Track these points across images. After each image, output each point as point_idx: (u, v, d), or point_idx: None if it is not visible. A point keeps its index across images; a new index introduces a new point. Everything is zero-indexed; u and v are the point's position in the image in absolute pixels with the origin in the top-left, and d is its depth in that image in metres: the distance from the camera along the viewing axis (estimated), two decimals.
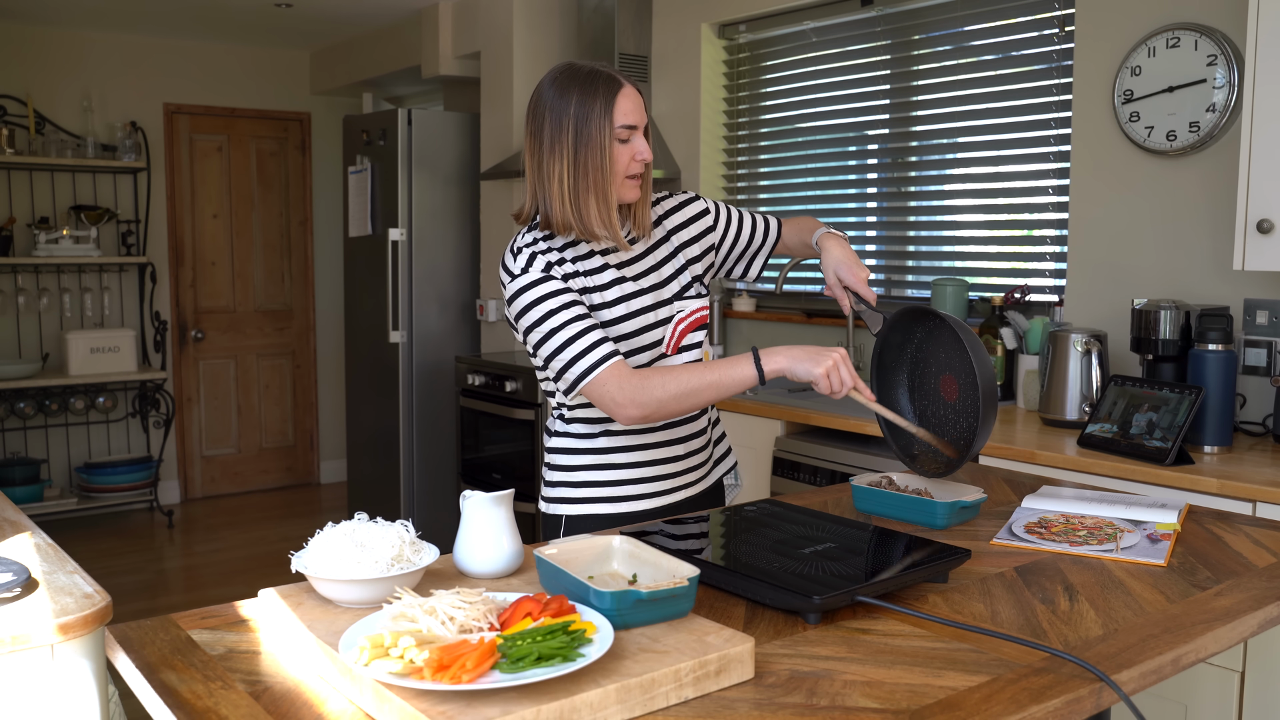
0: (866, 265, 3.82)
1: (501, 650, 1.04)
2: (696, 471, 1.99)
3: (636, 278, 1.88)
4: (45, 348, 5.65)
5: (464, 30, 5.01)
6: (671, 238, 1.96)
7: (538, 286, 1.78)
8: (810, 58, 3.97)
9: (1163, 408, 2.44)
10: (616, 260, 1.87)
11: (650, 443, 1.91)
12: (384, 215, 4.91)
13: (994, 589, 1.42)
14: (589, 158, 1.76)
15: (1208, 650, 1.27)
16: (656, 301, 1.88)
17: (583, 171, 1.77)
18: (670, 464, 1.93)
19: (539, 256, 1.79)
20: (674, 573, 1.24)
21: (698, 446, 1.98)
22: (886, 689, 1.10)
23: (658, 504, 1.92)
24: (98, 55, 5.74)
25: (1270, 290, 2.68)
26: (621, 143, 1.79)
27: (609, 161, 1.77)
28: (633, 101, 1.79)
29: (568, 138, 1.76)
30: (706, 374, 1.72)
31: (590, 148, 1.76)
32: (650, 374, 1.73)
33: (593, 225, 1.79)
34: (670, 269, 1.93)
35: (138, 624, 1.28)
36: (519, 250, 1.81)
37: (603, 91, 1.77)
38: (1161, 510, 1.74)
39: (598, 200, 1.77)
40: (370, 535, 1.32)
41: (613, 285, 1.84)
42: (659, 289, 1.90)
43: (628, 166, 1.80)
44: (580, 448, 1.92)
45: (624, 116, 1.77)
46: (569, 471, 1.93)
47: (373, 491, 5.17)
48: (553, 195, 1.78)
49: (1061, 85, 3.15)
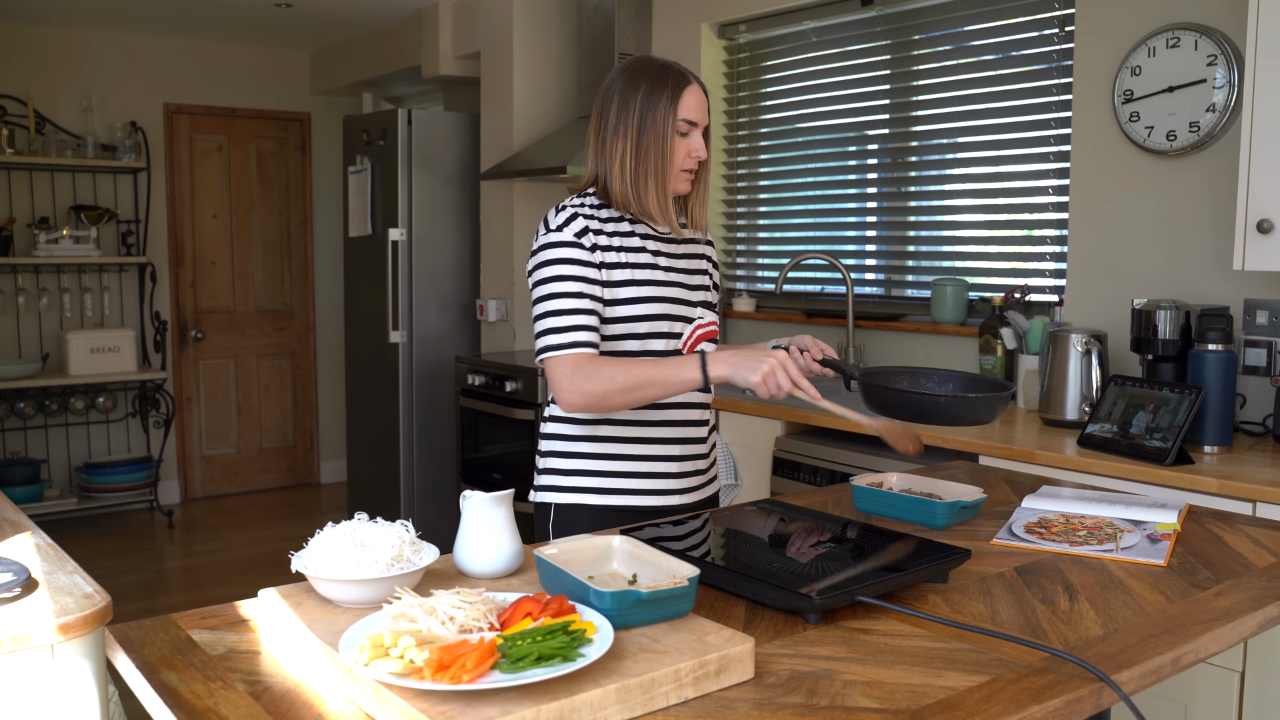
0: (867, 264, 3.83)
1: (501, 650, 1.04)
2: (691, 479, 1.99)
3: (669, 269, 1.92)
4: (45, 348, 5.65)
5: (464, 30, 5.01)
6: (704, 260, 2.04)
7: (563, 249, 1.83)
8: (810, 58, 3.96)
9: (1163, 408, 2.44)
10: (656, 247, 1.92)
11: (650, 437, 1.93)
12: (384, 215, 4.91)
13: (994, 589, 1.42)
14: (651, 143, 1.84)
15: (1208, 650, 1.27)
16: (684, 299, 1.94)
17: (644, 155, 1.85)
18: (666, 463, 1.94)
19: (580, 219, 1.85)
20: (674, 573, 1.24)
21: (695, 453, 1.99)
22: (886, 689, 1.10)
23: (648, 503, 1.93)
24: (98, 55, 5.74)
25: (1270, 290, 2.68)
26: (681, 135, 1.86)
27: (669, 150, 1.85)
28: (697, 99, 1.87)
29: (633, 121, 1.85)
30: (655, 371, 1.75)
31: (654, 133, 1.84)
32: (603, 364, 1.77)
33: (650, 206, 1.86)
34: (701, 279, 2.00)
35: (138, 624, 1.28)
36: (564, 208, 1.87)
37: (672, 84, 1.85)
38: (1161, 510, 1.74)
39: (656, 185, 1.85)
40: (370, 535, 1.32)
41: (646, 268, 1.89)
42: (689, 289, 1.96)
43: (683, 160, 1.87)
44: (578, 434, 1.93)
45: (687, 111, 1.85)
46: (562, 459, 1.95)
47: (373, 491, 5.16)
48: (614, 173, 1.87)
49: (1061, 85, 3.15)
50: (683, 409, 1.96)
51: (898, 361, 3.61)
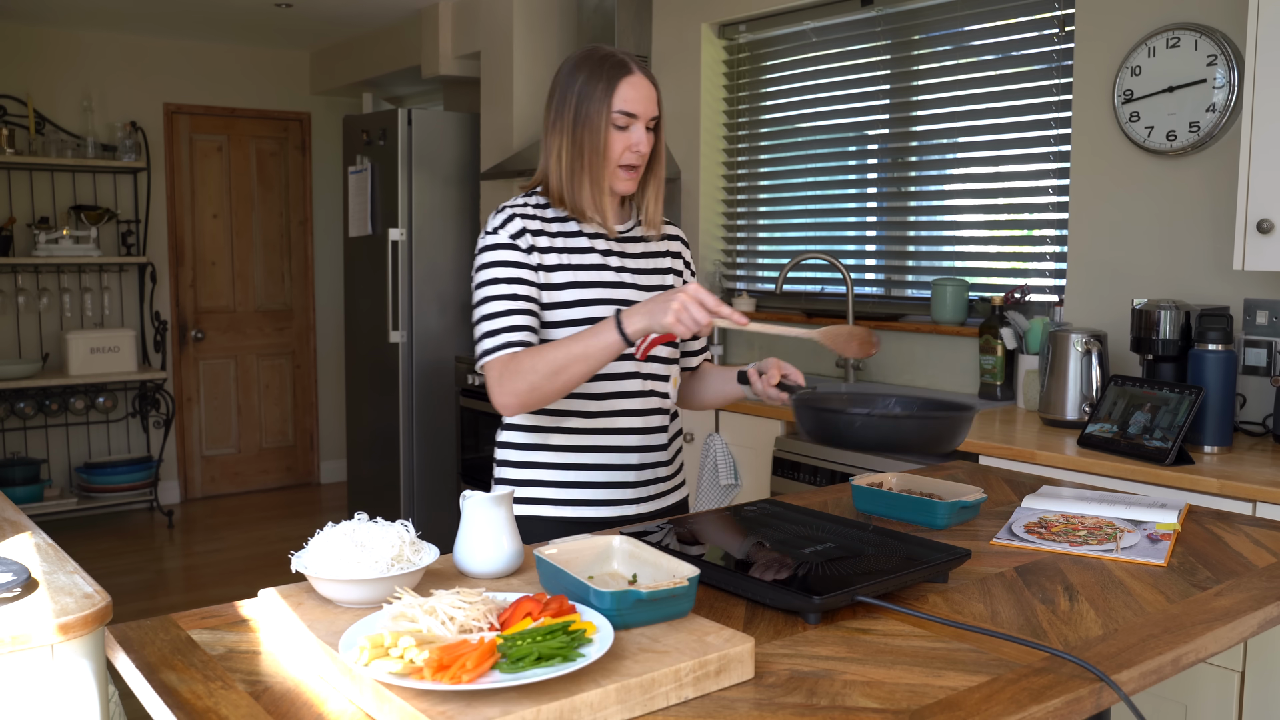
0: (867, 264, 3.83)
1: (501, 650, 1.04)
2: (650, 488, 1.91)
3: (620, 270, 1.85)
4: (45, 348, 5.65)
5: (464, 30, 5.01)
6: (668, 257, 1.96)
7: (497, 251, 1.78)
8: (810, 58, 3.96)
9: (1163, 408, 2.44)
10: (604, 247, 1.85)
11: (605, 445, 1.85)
12: (384, 215, 4.91)
13: (994, 589, 1.42)
14: (585, 138, 1.77)
15: (1208, 650, 1.27)
16: (635, 301, 1.83)
17: (578, 151, 1.78)
18: (623, 472, 1.87)
19: (517, 219, 1.80)
20: (674, 573, 1.24)
21: (655, 461, 1.91)
22: (886, 689, 1.10)
23: (605, 514, 1.86)
24: (98, 55, 5.74)
25: (1270, 290, 2.68)
26: (618, 129, 1.77)
27: (603, 145, 1.77)
28: (637, 91, 1.77)
29: (569, 114, 1.78)
30: (573, 347, 1.66)
31: (587, 128, 1.77)
32: (523, 357, 1.70)
33: (583, 205, 1.80)
34: (662, 279, 1.92)
35: (138, 624, 1.28)
36: (504, 209, 1.83)
37: (607, 75, 1.77)
38: (1161, 510, 1.74)
39: (591, 182, 1.78)
40: (370, 535, 1.32)
41: (593, 269, 1.82)
42: (644, 290, 1.87)
43: (621, 155, 1.78)
44: (531, 443, 1.87)
45: (624, 103, 1.76)
46: (516, 469, 1.89)
47: (373, 491, 5.17)
48: (552, 170, 1.81)
49: (1061, 85, 3.15)
50: (641, 415, 1.87)
51: (897, 362, 3.61)
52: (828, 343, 1.66)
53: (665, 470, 1.94)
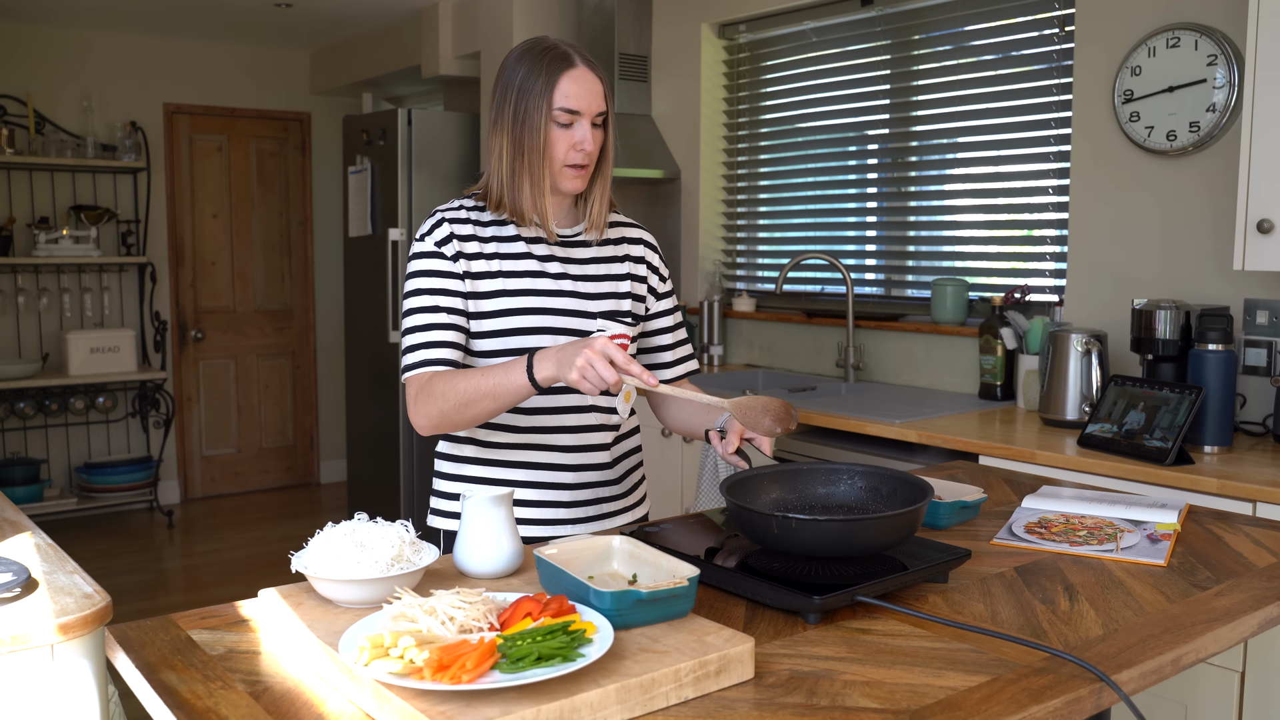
0: (867, 264, 3.83)
1: (501, 650, 1.04)
2: (588, 508, 1.81)
3: (560, 277, 1.76)
4: (45, 348, 5.65)
5: (464, 30, 5.01)
6: (626, 262, 1.85)
7: (422, 260, 1.71)
8: (810, 58, 3.96)
9: (1163, 408, 2.44)
10: (544, 252, 1.76)
11: (538, 462, 1.77)
12: (384, 215, 4.91)
13: (994, 589, 1.42)
14: (525, 137, 1.67)
15: (1208, 650, 1.27)
16: (577, 310, 1.76)
17: (519, 150, 1.68)
18: (556, 491, 1.78)
19: (445, 225, 1.72)
20: (674, 573, 1.24)
21: (595, 480, 1.81)
22: (886, 689, 1.10)
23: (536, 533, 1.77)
24: (98, 55, 5.74)
25: (1270, 290, 2.68)
26: (561, 127, 1.67)
27: (544, 144, 1.67)
28: (580, 85, 1.67)
29: (509, 111, 1.69)
30: (483, 382, 1.58)
31: (527, 127, 1.67)
32: (437, 382, 1.62)
33: (522, 207, 1.70)
34: (608, 286, 1.80)
35: (138, 624, 1.28)
36: (434, 213, 1.75)
37: (546, 70, 1.66)
38: (1161, 510, 1.74)
39: (531, 183, 1.68)
40: (370, 535, 1.32)
41: (526, 276, 1.73)
42: (585, 299, 1.77)
43: (566, 154, 1.68)
44: (465, 455, 1.79)
45: (564, 99, 1.66)
46: (450, 482, 1.82)
47: (373, 491, 5.17)
48: (493, 169, 1.72)
49: (1061, 85, 3.15)
50: (576, 433, 1.77)
51: (897, 362, 3.61)
52: (738, 415, 1.53)
53: (608, 490, 1.84)
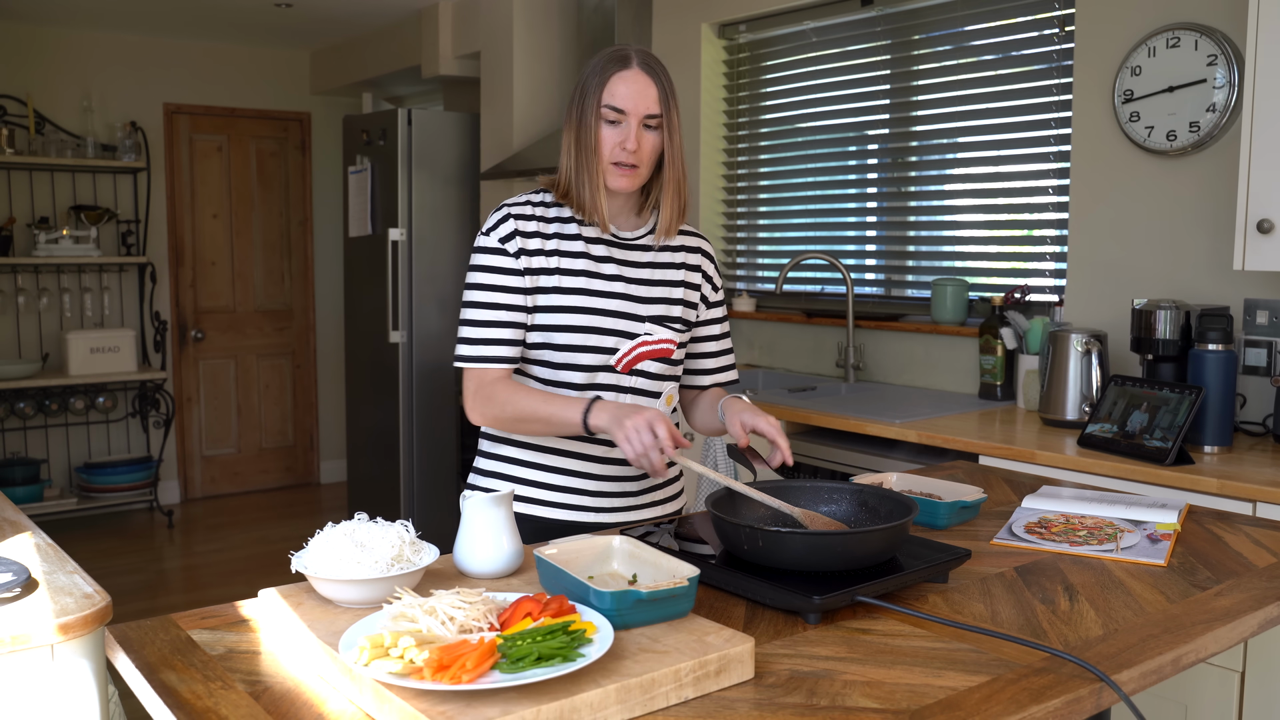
0: (867, 264, 3.83)
1: (501, 650, 1.04)
2: (614, 499, 1.87)
3: (613, 279, 1.81)
4: (45, 348, 5.65)
5: (464, 30, 5.01)
6: (682, 269, 1.89)
7: (486, 255, 1.78)
8: (810, 58, 3.96)
9: (1163, 408, 2.44)
10: (602, 253, 1.81)
11: (571, 450, 1.83)
12: (384, 215, 4.91)
13: (994, 589, 1.42)
14: (581, 133, 1.76)
15: (1208, 650, 1.27)
16: (628, 312, 1.81)
17: (578, 146, 1.76)
18: (584, 480, 1.84)
19: (511, 220, 1.78)
20: (674, 573, 1.24)
21: (621, 474, 1.86)
22: (886, 689, 1.10)
23: (564, 518, 1.83)
24: (98, 55, 5.74)
25: (1270, 290, 2.68)
26: (609, 124, 1.74)
27: (594, 141, 1.74)
28: (629, 86, 1.72)
29: (575, 110, 1.77)
30: (542, 408, 1.70)
31: (583, 124, 1.75)
32: (502, 389, 1.73)
33: (584, 201, 1.77)
34: (664, 291, 1.85)
35: (138, 624, 1.28)
36: (501, 207, 1.81)
37: (602, 69, 1.74)
38: (1161, 510, 1.74)
39: (589, 180, 1.76)
40: (370, 535, 1.32)
41: (581, 275, 1.79)
42: (639, 302, 1.82)
43: (612, 152, 1.74)
44: (504, 437, 1.87)
45: (612, 97, 1.72)
46: (489, 460, 1.89)
47: (373, 491, 5.16)
48: (562, 163, 1.80)
49: (1061, 85, 3.15)
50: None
51: (897, 362, 3.61)
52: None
53: (632, 484, 1.88)
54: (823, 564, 1.34)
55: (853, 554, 1.33)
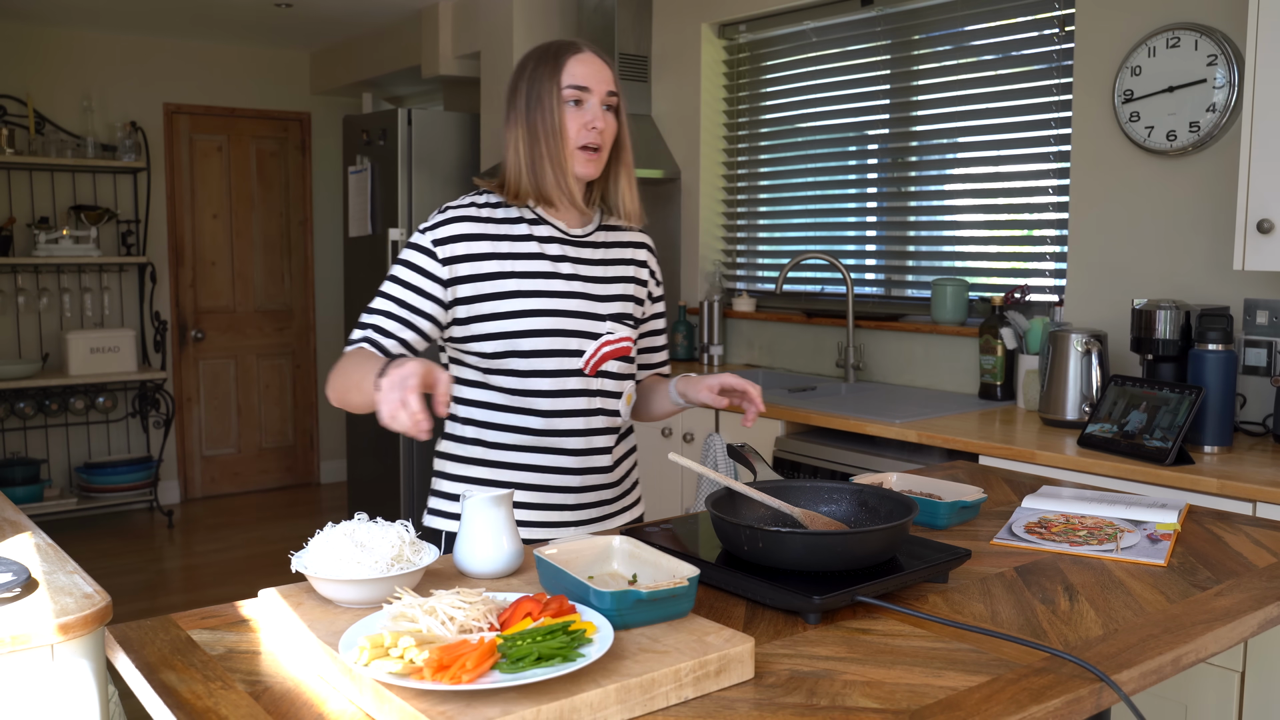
0: (867, 264, 3.83)
1: (501, 650, 1.04)
2: (592, 510, 1.82)
3: (571, 278, 1.76)
4: (45, 348, 5.65)
5: (464, 30, 5.01)
6: (631, 265, 1.85)
7: (413, 253, 1.72)
8: (810, 58, 3.96)
9: (1163, 408, 2.44)
10: (557, 252, 1.75)
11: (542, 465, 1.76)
12: (384, 215, 4.91)
13: (994, 589, 1.42)
14: (539, 121, 1.69)
15: (1208, 650, 1.27)
16: (589, 312, 1.76)
17: (535, 136, 1.70)
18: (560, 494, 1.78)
19: (450, 225, 1.71)
20: (674, 572, 1.24)
21: (597, 483, 1.82)
22: (886, 689, 1.10)
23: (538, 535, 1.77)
24: (98, 55, 5.74)
25: (1270, 290, 2.68)
26: (573, 105, 1.70)
27: (559, 125, 1.69)
28: (587, 67, 1.70)
29: (522, 102, 1.71)
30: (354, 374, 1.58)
31: (540, 111, 1.69)
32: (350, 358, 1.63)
33: (549, 191, 1.71)
34: (620, 288, 1.81)
35: (138, 624, 1.28)
36: (447, 209, 1.75)
37: (555, 56, 1.71)
38: (1161, 510, 1.74)
39: (554, 166, 1.70)
40: (370, 535, 1.32)
41: (539, 277, 1.73)
42: (598, 300, 1.77)
43: (579, 135, 1.70)
44: (471, 456, 1.80)
45: (573, 77, 1.69)
46: (453, 482, 1.81)
47: (373, 491, 5.16)
48: (510, 163, 1.73)
49: (1061, 85, 3.15)
50: (584, 436, 1.77)
51: (897, 362, 3.61)
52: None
53: (609, 493, 1.85)
54: (823, 564, 1.34)
55: (853, 554, 1.33)
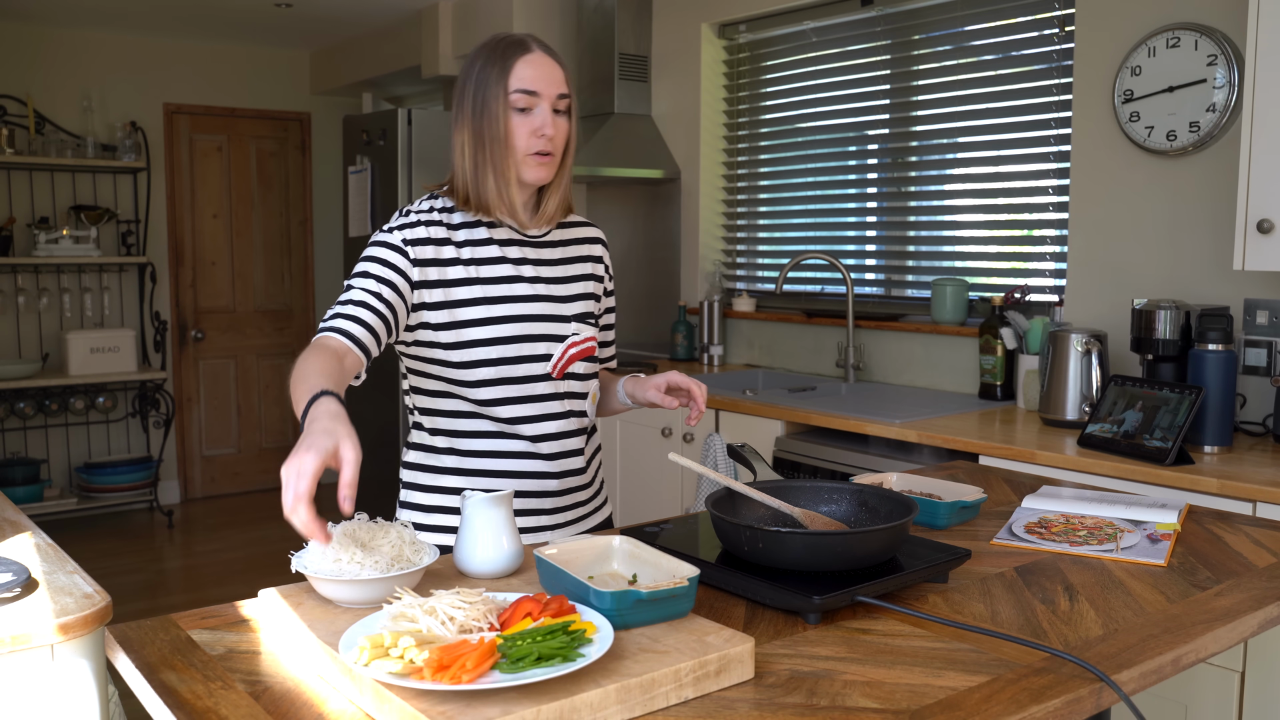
0: (867, 264, 3.83)
1: (501, 650, 1.04)
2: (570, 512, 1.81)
3: (535, 280, 1.72)
4: (45, 348, 5.65)
5: (464, 30, 5.01)
6: (587, 262, 1.82)
7: (384, 249, 1.64)
8: (810, 58, 3.97)
9: (1163, 408, 2.44)
10: (518, 255, 1.72)
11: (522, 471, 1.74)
12: (384, 215, 4.91)
13: (994, 589, 1.42)
14: (485, 127, 1.63)
15: (1208, 650, 1.27)
16: (554, 314, 1.73)
17: (480, 142, 1.64)
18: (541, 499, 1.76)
19: (421, 227, 1.66)
20: (674, 572, 1.24)
21: (575, 485, 1.80)
22: (886, 689, 1.10)
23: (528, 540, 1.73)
24: (98, 55, 5.74)
25: (1270, 290, 2.68)
26: (520, 111, 1.63)
27: (504, 132, 1.62)
28: (536, 69, 1.62)
29: (469, 105, 1.64)
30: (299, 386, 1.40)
31: (487, 117, 1.62)
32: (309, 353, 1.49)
33: (488, 200, 1.65)
34: (580, 287, 1.78)
35: (138, 624, 1.28)
36: (409, 212, 1.69)
37: (501, 56, 1.63)
38: (1161, 510, 1.74)
39: (496, 175, 1.64)
40: (370, 535, 1.32)
41: (504, 282, 1.69)
42: (562, 302, 1.74)
43: (528, 142, 1.63)
44: (443, 465, 1.77)
45: (520, 82, 1.62)
46: (423, 493, 1.78)
47: (373, 491, 5.16)
48: (457, 168, 1.67)
49: (1061, 85, 3.15)
50: (558, 439, 1.75)
51: (897, 362, 3.61)
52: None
53: (584, 494, 1.84)
54: (823, 564, 1.33)
55: (853, 554, 1.33)
